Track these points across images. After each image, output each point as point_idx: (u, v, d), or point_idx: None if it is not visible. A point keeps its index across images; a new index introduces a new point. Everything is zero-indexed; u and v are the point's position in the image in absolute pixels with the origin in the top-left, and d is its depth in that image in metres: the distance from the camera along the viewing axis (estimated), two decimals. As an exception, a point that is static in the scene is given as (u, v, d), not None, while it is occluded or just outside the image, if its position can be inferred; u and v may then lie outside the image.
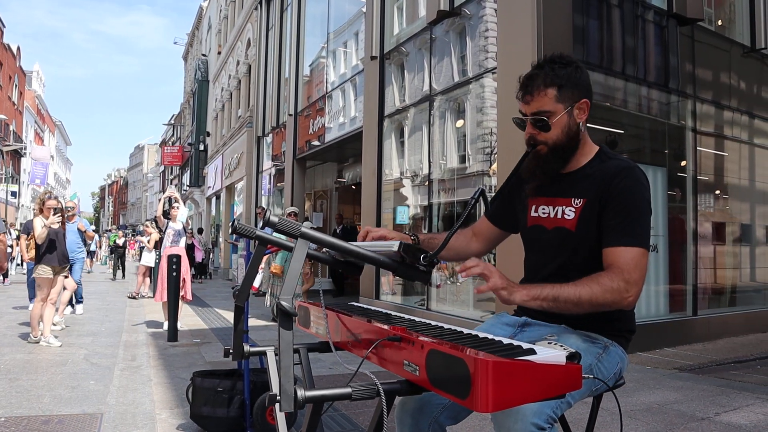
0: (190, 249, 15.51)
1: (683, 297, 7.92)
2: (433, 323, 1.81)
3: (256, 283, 13.90)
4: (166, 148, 44.20)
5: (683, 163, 8.20)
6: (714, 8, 9.31)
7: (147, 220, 19.17)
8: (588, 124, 1.96)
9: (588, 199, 1.83)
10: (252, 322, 8.53)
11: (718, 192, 8.99)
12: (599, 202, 1.80)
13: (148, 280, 13.83)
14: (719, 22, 9.33)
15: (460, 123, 8.52)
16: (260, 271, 14.20)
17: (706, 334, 7.74)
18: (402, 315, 2.02)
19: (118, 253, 21.88)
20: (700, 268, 8.12)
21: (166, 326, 7.76)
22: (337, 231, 13.69)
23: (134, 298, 13.13)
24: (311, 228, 1.66)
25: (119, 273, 21.05)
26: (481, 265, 1.61)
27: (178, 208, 8.77)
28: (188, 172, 32.85)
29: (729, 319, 8.30)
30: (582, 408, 2.02)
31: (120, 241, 22.90)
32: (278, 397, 1.39)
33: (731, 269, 9.06)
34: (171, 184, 44.14)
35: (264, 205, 17.60)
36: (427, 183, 8.97)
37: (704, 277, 8.31)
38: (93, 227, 11.89)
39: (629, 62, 7.53)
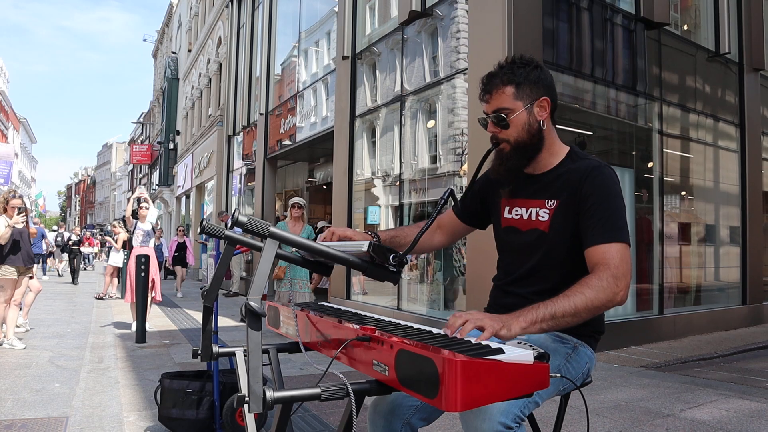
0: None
1: (650, 296, 8.06)
2: (403, 323, 1.81)
3: (234, 288, 13.81)
4: (134, 146, 43.55)
5: (650, 164, 8.34)
6: (680, 13, 9.49)
7: (115, 219, 18.66)
8: (558, 126, 1.99)
9: (561, 200, 1.85)
10: (222, 322, 8.47)
11: (683, 193, 9.17)
12: (572, 203, 1.82)
13: (116, 280, 13.62)
14: (685, 27, 9.51)
15: (431, 123, 8.55)
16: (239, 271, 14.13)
17: (671, 333, 7.89)
18: (372, 315, 2.02)
19: (72, 253, 18.86)
20: (666, 267, 8.28)
21: (134, 327, 7.65)
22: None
23: (101, 298, 12.92)
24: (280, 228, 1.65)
25: (85, 273, 20.44)
26: (469, 318, 1.54)
27: (147, 208, 8.65)
28: (157, 171, 32.45)
29: (694, 317, 8.47)
30: (551, 406, 2.04)
31: (75, 238, 19.43)
32: (247, 398, 1.38)
33: (696, 269, 9.25)
34: (140, 183, 43.51)
35: (235, 204, 17.45)
36: (398, 183, 8.98)
37: (670, 276, 8.46)
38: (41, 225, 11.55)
39: (598, 65, 7.63)
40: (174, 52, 31.75)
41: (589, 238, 1.76)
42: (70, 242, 19.09)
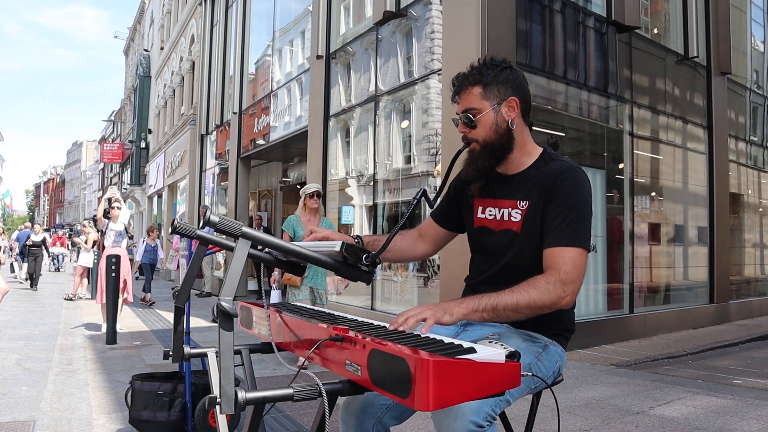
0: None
1: (621, 295, 8.17)
2: (376, 323, 1.81)
3: (207, 288, 13.64)
4: (105, 145, 42.84)
5: (621, 165, 8.46)
6: (650, 17, 9.64)
7: (85, 219, 18.24)
8: (533, 128, 2.01)
9: (532, 200, 1.87)
10: (195, 323, 8.39)
11: (653, 194, 9.31)
12: (542, 203, 1.84)
13: (85, 281, 13.40)
14: (655, 31, 9.66)
15: (405, 124, 8.57)
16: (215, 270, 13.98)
17: (641, 331, 8.01)
18: (346, 315, 2.02)
19: (32, 255, 16.30)
20: (636, 267, 8.40)
21: (104, 329, 7.54)
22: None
23: (71, 299, 12.71)
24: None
25: (54, 275, 19.90)
26: (411, 313, 1.61)
27: (119, 208, 8.53)
28: (129, 170, 31.99)
29: (663, 316, 8.61)
30: (523, 405, 2.06)
31: (36, 238, 16.75)
32: (218, 400, 1.37)
33: (665, 268, 9.40)
34: (111, 183, 42.92)
35: (207, 204, 17.30)
36: (372, 183, 8.98)
37: (640, 276, 8.59)
38: None
39: (570, 67, 7.72)
40: (146, 50, 31.35)
41: (548, 240, 1.79)
42: (30, 243, 16.62)
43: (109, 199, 8.97)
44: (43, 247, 17.16)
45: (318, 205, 6.24)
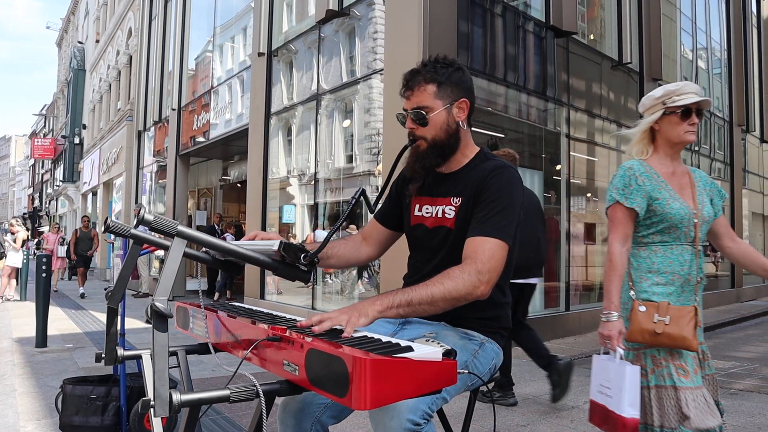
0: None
1: (557, 294, 8.38)
2: (315, 323, 1.80)
3: (144, 288, 13.26)
4: (36, 140, 41.25)
5: (558, 167, 8.67)
6: (587, 23, 9.92)
7: (13, 217, 17.56)
8: (472, 128, 2.03)
9: (465, 197, 1.88)
10: (132, 324, 8.17)
11: (589, 195, 9.59)
12: (473, 199, 1.86)
13: (14, 281, 12.85)
14: (591, 37, 9.95)
15: (347, 123, 8.56)
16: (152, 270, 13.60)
17: (577, 328, 8.23)
18: (285, 315, 2.00)
19: None
20: (572, 266, 8.63)
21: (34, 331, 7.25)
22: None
23: (-2, 301, 12.17)
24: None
25: None
26: (326, 316, 1.57)
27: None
28: (62, 166, 30.93)
29: (598, 313, 8.75)
30: (462, 402, 2.08)
31: None
32: (152, 402, 1.33)
33: (600, 267, 9.68)
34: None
35: (144, 203, 16.86)
36: (313, 182, 8.94)
37: (576, 274, 8.83)
38: None
39: (510, 69, 7.87)
40: (80, 42, 30.30)
41: (470, 230, 1.80)
42: None
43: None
44: None
45: None
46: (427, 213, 1.98)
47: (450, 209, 1.91)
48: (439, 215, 1.94)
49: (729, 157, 13.94)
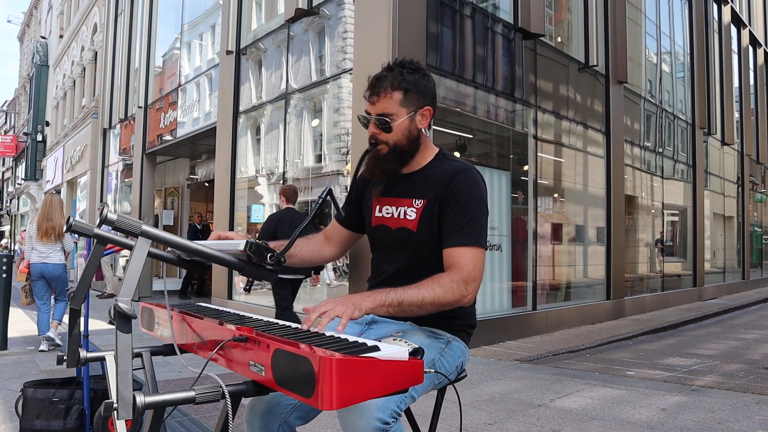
0: None
1: (524, 293, 8.48)
2: (284, 323, 1.80)
3: (109, 289, 13.02)
4: (-3, 137, 40.31)
5: (525, 167, 8.77)
6: (554, 26, 10.05)
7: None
8: (440, 129, 2.05)
9: (428, 199, 1.90)
10: (97, 325, 8.04)
11: (555, 195, 9.72)
12: (438, 202, 1.87)
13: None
14: (559, 39, 10.08)
15: (316, 122, 8.53)
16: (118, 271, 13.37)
17: (544, 327, 8.34)
18: (252, 315, 1.99)
19: None
20: (539, 265, 8.74)
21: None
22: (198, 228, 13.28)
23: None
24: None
25: None
26: (322, 310, 1.60)
27: None
28: (24, 164, 30.23)
29: (564, 312, 9.00)
30: (429, 401, 2.10)
31: None
32: (115, 405, 1.32)
33: (566, 266, 9.83)
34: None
35: (108, 202, 16.57)
36: (282, 181, 8.89)
37: (543, 274, 8.94)
38: None
39: (479, 71, 7.92)
40: (43, 37, 29.66)
41: (447, 240, 1.84)
42: None
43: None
44: None
45: None
46: (387, 213, 1.99)
47: (412, 211, 1.93)
48: (401, 216, 1.95)
49: (691, 158, 14.27)
